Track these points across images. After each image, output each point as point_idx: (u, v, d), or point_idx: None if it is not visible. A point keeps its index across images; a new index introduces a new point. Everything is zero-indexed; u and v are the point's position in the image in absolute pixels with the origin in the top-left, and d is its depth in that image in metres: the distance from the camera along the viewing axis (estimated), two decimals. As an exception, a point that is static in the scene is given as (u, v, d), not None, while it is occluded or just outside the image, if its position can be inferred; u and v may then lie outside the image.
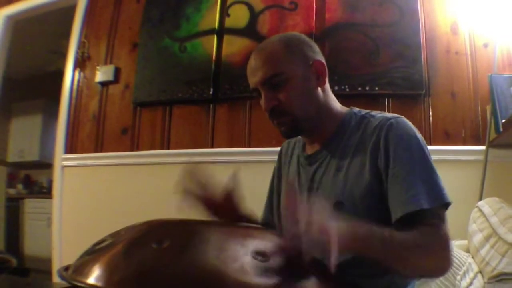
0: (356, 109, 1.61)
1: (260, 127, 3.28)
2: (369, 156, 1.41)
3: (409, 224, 1.25)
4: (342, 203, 1.41)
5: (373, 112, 1.56)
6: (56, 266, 3.69)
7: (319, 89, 1.54)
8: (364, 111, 1.59)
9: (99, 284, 0.90)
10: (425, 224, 1.25)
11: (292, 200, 1.13)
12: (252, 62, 1.53)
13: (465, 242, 2.28)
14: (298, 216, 1.08)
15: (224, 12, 3.55)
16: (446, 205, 1.31)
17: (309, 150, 1.65)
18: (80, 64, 4.03)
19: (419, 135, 1.42)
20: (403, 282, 1.47)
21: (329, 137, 1.56)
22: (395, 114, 1.49)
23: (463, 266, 2.13)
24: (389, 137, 1.39)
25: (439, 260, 1.23)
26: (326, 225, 1.05)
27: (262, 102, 1.50)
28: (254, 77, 1.51)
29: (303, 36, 1.62)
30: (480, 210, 2.23)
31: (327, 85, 1.59)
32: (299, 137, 1.72)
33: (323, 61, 1.56)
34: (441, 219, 1.29)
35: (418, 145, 1.38)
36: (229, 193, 1.52)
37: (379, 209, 1.36)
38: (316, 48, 1.60)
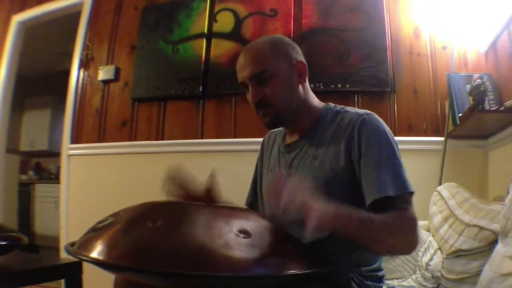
0: (332, 105, 1.62)
1: (244, 120, 3.29)
2: (344, 147, 1.42)
3: (380, 209, 1.25)
4: (317, 188, 1.42)
5: (347, 108, 1.56)
6: (63, 243, 3.68)
7: (300, 86, 1.55)
8: (339, 107, 1.60)
9: (100, 257, 0.91)
10: (395, 209, 1.26)
11: (277, 182, 1.14)
12: (242, 59, 1.53)
13: (426, 222, 2.31)
14: (282, 194, 1.09)
15: (212, 18, 3.54)
16: (410, 193, 1.32)
17: (289, 140, 1.65)
18: (84, 64, 4.01)
19: (388, 130, 1.43)
20: (372, 258, 1.48)
21: (307, 129, 1.57)
22: (367, 111, 1.49)
23: (424, 243, 2.15)
24: (362, 132, 1.40)
25: (408, 240, 1.25)
26: (308, 203, 1.06)
27: (249, 95, 1.51)
28: (243, 73, 1.51)
29: (288, 39, 1.63)
30: (440, 194, 2.26)
31: (307, 84, 1.60)
32: (280, 129, 1.73)
33: (305, 62, 1.57)
34: (409, 204, 1.30)
35: (387, 140, 1.39)
36: (209, 190, 1.52)
37: (350, 194, 1.37)
38: (299, 50, 1.61)
